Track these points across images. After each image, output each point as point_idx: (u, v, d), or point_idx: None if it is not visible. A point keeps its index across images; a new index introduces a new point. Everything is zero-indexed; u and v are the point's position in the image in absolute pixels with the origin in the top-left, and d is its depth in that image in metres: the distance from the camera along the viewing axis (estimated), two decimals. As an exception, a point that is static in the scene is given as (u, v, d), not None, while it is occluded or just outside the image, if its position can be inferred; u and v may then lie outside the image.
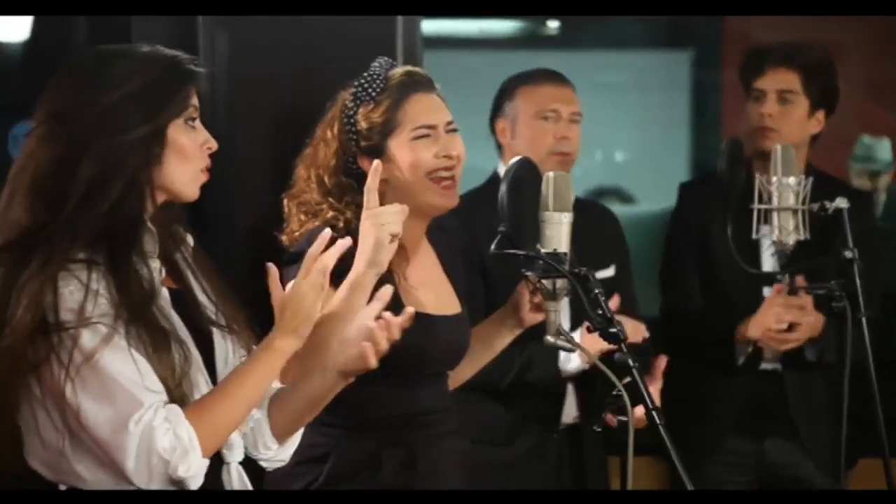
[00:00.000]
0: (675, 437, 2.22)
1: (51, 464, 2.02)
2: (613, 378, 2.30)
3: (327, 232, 2.09)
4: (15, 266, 1.98)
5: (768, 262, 3.34)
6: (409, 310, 2.11)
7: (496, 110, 3.32)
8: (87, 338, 1.95)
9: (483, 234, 3.05)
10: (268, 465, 2.20)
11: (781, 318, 3.26)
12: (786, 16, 3.85)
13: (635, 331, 2.94)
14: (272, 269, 2.08)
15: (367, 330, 2.06)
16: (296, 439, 2.21)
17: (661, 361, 2.79)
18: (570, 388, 3.23)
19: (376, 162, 2.42)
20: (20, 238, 2.00)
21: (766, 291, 3.38)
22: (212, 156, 2.11)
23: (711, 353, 3.44)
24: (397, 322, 2.08)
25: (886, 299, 3.69)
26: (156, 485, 1.97)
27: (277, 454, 2.19)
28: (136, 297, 1.99)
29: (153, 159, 2.03)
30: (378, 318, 2.08)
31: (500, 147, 3.33)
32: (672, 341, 3.54)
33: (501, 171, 3.30)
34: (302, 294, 2.03)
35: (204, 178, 2.10)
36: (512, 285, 2.65)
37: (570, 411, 3.25)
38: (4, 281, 1.98)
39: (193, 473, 1.97)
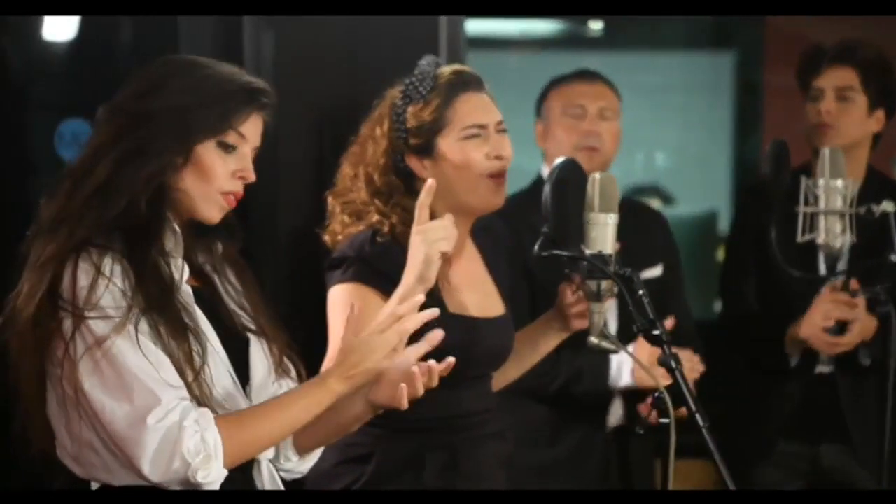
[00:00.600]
0: (729, 439, 2.19)
1: (80, 459, 2.03)
2: (656, 379, 2.29)
3: (420, 298, 2.08)
4: (37, 250, 2.01)
5: (824, 266, 3.33)
6: (450, 359, 2.09)
7: (537, 112, 3.34)
8: (100, 327, 1.95)
9: (528, 236, 3.04)
10: (286, 475, 2.20)
11: (829, 315, 3.22)
12: (831, 16, 3.82)
13: (691, 366, 2.93)
14: (354, 310, 2.07)
15: (407, 372, 2.05)
16: (316, 454, 2.21)
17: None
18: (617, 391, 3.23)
19: (431, 181, 2.41)
20: (46, 223, 2.02)
21: None
22: (256, 157, 2.11)
23: (766, 356, 3.41)
24: (438, 369, 2.07)
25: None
26: (169, 484, 1.96)
27: (297, 466, 2.19)
28: (153, 287, 1.99)
29: (174, 172, 2.04)
30: (423, 358, 2.07)
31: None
32: (728, 344, 3.52)
33: (545, 172, 3.30)
34: (372, 347, 2.04)
35: (224, 203, 2.08)
36: (557, 287, 2.64)
37: (616, 413, 3.24)
38: (27, 264, 2.01)
39: (212, 480, 1.97)
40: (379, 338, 2.04)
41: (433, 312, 2.08)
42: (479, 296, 2.64)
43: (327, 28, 3.00)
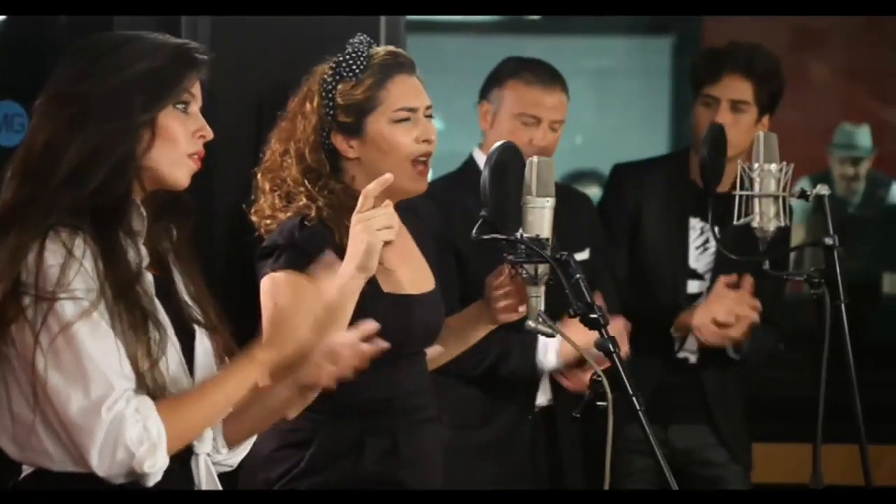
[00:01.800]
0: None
1: (19, 440, 1.99)
2: (593, 363, 2.30)
3: (373, 325, 2.11)
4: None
5: (693, 254, 3.40)
6: (382, 344, 2.12)
7: (485, 91, 3.28)
8: (66, 309, 1.93)
9: (458, 218, 3.06)
10: (216, 468, 2.18)
11: (733, 312, 3.28)
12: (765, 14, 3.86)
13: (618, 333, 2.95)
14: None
15: (333, 352, 2.08)
16: (246, 447, 2.21)
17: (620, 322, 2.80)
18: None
19: (388, 175, 2.40)
20: (2, 213, 2.00)
21: (691, 285, 3.42)
22: None
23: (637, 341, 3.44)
24: (367, 351, 2.10)
25: (860, 287, 3.72)
26: (114, 475, 1.95)
27: (226, 458, 2.18)
28: (122, 273, 1.98)
29: (144, 145, 2.03)
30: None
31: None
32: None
33: (477, 155, 3.30)
34: (295, 316, 2.05)
35: (193, 165, 2.09)
36: (487, 270, 2.65)
37: (544, 393, 3.25)
38: None
39: (156, 469, 1.96)
40: (301, 307, 2.05)
41: (373, 326, 2.12)
42: (411, 272, 2.63)
43: (264, 20, 2.97)
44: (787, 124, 3.53)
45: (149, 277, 2.05)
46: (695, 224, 3.45)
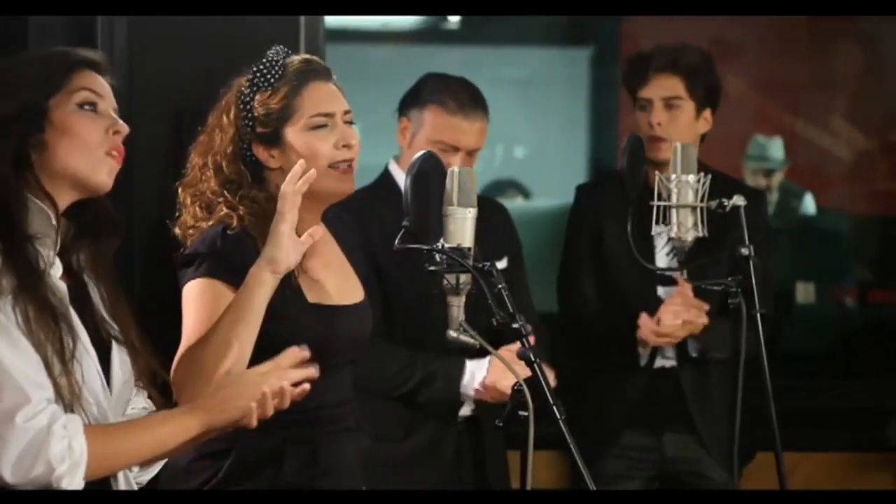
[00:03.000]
0: (574, 432, 2.24)
1: None
2: (514, 372, 2.31)
3: (305, 354, 2.09)
4: None
5: (663, 260, 3.39)
6: (305, 387, 2.10)
7: (405, 107, 3.25)
8: None
9: (376, 230, 3.05)
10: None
11: (679, 316, 3.31)
12: (680, 16, 3.90)
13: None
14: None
15: (261, 393, 2.04)
16: (157, 466, 2.18)
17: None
18: None
19: (313, 171, 2.36)
20: None
21: (661, 291, 3.44)
22: None
23: (610, 354, 3.48)
24: (293, 393, 2.08)
25: (777, 299, 3.77)
26: (25, 487, 1.92)
27: (138, 476, 2.16)
28: (20, 268, 1.95)
29: (36, 143, 2.01)
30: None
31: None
32: (570, 341, 3.57)
33: (392, 167, 3.29)
34: (247, 385, 2.04)
35: (112, 162, 2.07)
36: (408, 282, 2.64)
37: (468, 403, 3.24)
38: None
39: (73, 488, 1.93)
40: (257, 378, 2.04)
41: (313, 373, 2.10)
42: (337, 282, 2.63)
43: (183, 19, 2.94)
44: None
45: (60, 283, 2.03)
46: (660, 230, 3.44)
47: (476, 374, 3.15)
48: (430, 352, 3.13)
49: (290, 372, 2.07)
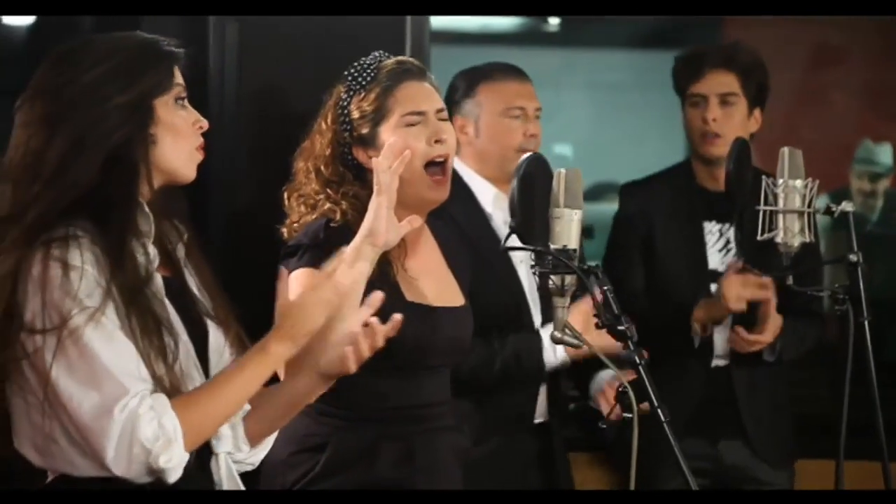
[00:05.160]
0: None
1: (40, 448, 2.00)
2: (619, 374, 2.31)
3: (378, 296, 2.09)
4: None
5: (715, 257, 3.38)
6: (397, 317, 2.10)
7: (455, 108, 3.23)
8: (73, 315, 1.93)
9: (453, 229, 3.03)
10: (238, 467, 2.19)
11: (742, 297, 3.25)
12: (784, 17, 3.86)
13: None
14: (283, 271, 2.07)
15: (351, 335, 2.07)
16: (267, 445, 2.21)
17: None
18: (542, 387, 3.21)
19: (407, 152, 2.37)
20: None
21: (714, 289, 3.39)
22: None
23: (663, 340, 3.40)
24: (382, 330, 2.08)
25: (881, 306, 3.70)
26: (134, 474, 1.95)
27: (248, 457, 2.18)
28: (130, 279, 1.98)
29: (147, 138, 2.03)
30: (365, 324, 2.08)
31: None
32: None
33: (460, 169, 3.25)
34: (307, 305, 2.03)
35: (199, 157, 2.10)
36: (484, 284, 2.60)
37: (540, 409, 3.22)
38: None
39: (174, 465, 1.96)
40: (312, 294, 2.04)
41: (364, 268, 2.12)
42: (436, 285, 2.64)
43: (293, 21, 2.98)
44: (807, 140, 3.53)
45: (158, 280, 2.05)
46: (711, 227, 3.44)
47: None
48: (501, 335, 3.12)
49: (339, 279, 2.05)
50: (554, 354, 3.11)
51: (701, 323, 3.34)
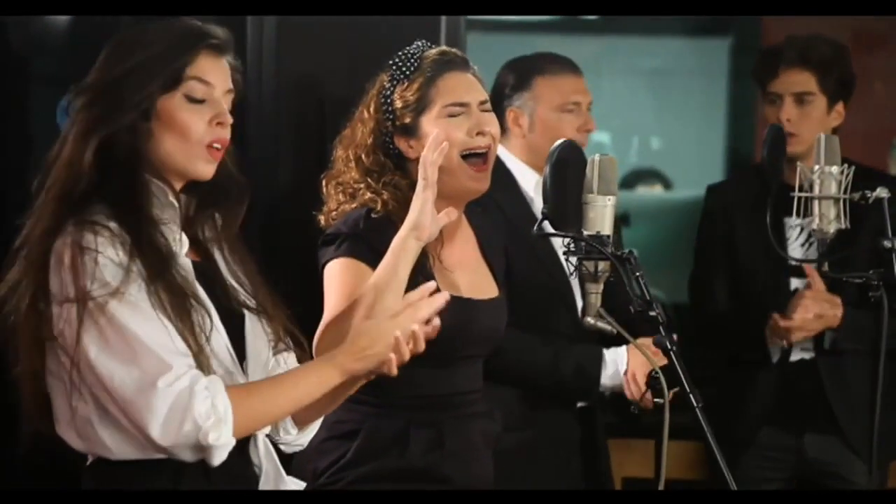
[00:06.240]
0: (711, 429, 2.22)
1: (80, 432, 2.03)
2: (651, 360, 2.32)
3: (431, 285, 2.10)
4: (25, 231, 2.03)
5: (798, 251, 3.34)
6: (435, 321, 2.10)
7: (506, 98, 3.25)
8: (102, 296, 1.95)
9: (498, 217, 3.04)
10: (286, 448, 2.21)
11: (809, 310, 3.25)
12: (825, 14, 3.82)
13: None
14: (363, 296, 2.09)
15: (405, 333, 2.06)
16: (315, 426, 2.23)
17: None
18: None
19: (445, 143, 2.40)
20: (35, 205, 2.04)
21: (794, 283, 3.37)
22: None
23: (745, 351, 3.40)
24: (422, 334, 2.08)
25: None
26: (179, 449, 1.97)
27: (296, 439, 2.21)
28: (150, 256, 1.99)
29: (141, 130, 2.04)
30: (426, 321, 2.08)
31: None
32: (703, 337, 3.52)
33: (502, 153, 3.28)
34: (383, 331, 2.05)
35: (210, 156, 2.07)
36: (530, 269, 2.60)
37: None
38: (21, 251, 2.02)
39: (222, 444, 1.97)
40: (392, 322, 2.05)
41: (445, 296, 2.09)
42: (471, 276, 2.65)
43: (329, 18, 3.00)
44: (846, 127, 3.50)
45: (187, 263, 2.07)
46: (793, 223, 3.40)
47: (619, 363, 3.13)
48: (559, 340, 3.13)
49: (421, 307, 2.06)
50: (608, 377, 3.11)
51: (776, 337, 3.32)
